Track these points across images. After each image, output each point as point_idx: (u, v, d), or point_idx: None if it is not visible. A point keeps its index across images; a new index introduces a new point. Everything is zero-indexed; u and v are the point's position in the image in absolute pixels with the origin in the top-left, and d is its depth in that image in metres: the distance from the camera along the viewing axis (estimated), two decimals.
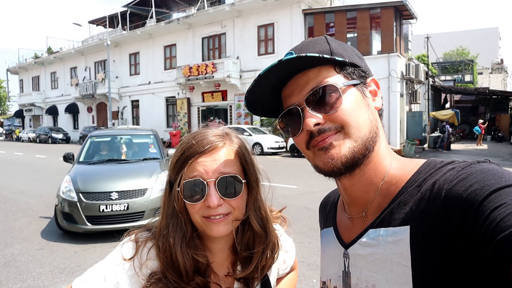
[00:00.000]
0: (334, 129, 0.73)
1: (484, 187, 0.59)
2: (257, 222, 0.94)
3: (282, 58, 0.71)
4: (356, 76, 0.77)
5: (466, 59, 43.27)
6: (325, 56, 0.72)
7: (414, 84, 22.67)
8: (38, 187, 10.26)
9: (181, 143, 0.91)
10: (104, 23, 35.75)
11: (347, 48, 0.80)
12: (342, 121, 0.72)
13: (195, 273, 0.88)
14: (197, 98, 26.51)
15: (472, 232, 0.57)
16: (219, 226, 0.86)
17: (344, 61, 0.75)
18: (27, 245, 5.44)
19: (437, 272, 0.62)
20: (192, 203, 0.86)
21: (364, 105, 0.76)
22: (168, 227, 0.88)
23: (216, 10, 24.24)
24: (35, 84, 43.64)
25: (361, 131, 0.73)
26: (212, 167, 0.86)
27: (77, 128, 37.12)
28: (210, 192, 0.85)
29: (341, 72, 0.76)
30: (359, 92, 0.77)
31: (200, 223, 0.88)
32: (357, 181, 0.77)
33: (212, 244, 0.94)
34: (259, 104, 0.83)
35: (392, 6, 19.16)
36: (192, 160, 0.86)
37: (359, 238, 0.77)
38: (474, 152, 19.88)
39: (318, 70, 0.75)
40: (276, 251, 1.00)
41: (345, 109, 0.73)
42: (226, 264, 0.96)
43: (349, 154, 0.72)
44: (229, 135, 0.94)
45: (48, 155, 20.98)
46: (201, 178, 0.85)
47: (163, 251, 0.88)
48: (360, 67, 0.79)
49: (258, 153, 19.08)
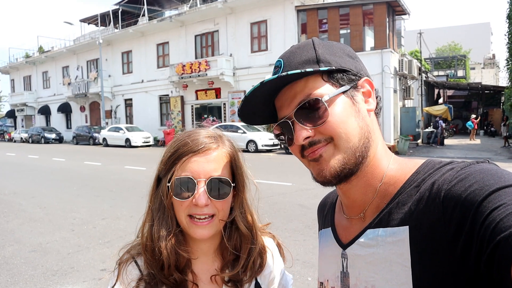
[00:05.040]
0: (324, 141, 0.73)
1: (483, 188, 0.59)
2: (244, 224, 0.96)
3: (264, 80, 0.71)
4: (346, 81, 0.75)
5: (458, 54, 43.57)
6: (308, 70, 0.71)
7: (407, 79, 22.79)
8: (30, 188, 10.16)
9: (175, 140, 0.93)
10: (96, 21, 35.49)
11: (336, 50, 0.77)
12: (331, 133, 0.72)
13: (175, 268, 0.90)
14: (191, 96, 26.42)
15: (472, 232, 0.57)
16: (202, 229, 0.89)
17: (331, 69, 0.73)
18: (19, 247, 5.37)
19: (437, 272, 0.62)
20: (180, 200, 0.88)
21: (354, 112, 0.74)
22: (153, 221, 0.91)
23: (209, 7, 24.14)
24: (27, 83, 43.23)
25: (350, 141, 0.72)
26: (204, 168, 0.88)
27: (70, 128, 36.83)
28: (199, 191, 0.86)
29: (329, 80, 0.74)
30: (349, 98, 0.75)
31: (184, 223, 0.89)
32: (355, 185, 0.77)
33: (194, 245, 0.95)
34: (255, 115, 0.84)
35: (384, 2, 19.23)
36: (186, 158, 0.88)
37: (357, 239, 0.77)
38: (467, 147, 20.03)
39: (305, 81, 0.74)
40: (265, 254, 1.01)
41: (333, 121, 0.72)
42: (213, 267, 0.97)
43: (338, 167, 0.73)
44: (222, 138, 0.96)
45: (41, 155, 20.81)
46: (192, 177, 0.87)
47: (145, 244, 0.90)
48: (350, 71, 0.76)
49: (253, 150, 19.08)
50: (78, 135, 30.98)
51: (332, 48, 0.78)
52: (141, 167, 13.97)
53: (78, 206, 7.86)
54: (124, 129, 26.15)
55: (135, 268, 0.92)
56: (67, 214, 7.21)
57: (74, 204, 8.06)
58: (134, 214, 6.82)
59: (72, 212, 7.31)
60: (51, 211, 7.50)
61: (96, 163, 15.77)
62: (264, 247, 1.02)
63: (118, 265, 0.94)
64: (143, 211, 0.99)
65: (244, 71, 23.38)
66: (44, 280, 4.25)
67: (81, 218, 6.84)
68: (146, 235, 0.91)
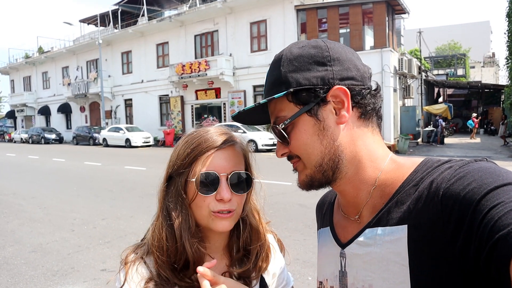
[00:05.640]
0: (296, 157, 0.78)
1: (481, 186, 0.59)
2: (254, 219, 1.00)
3: (233, 114, 0.82)
4: (312, 97, 0.73)
5: (458, 53, 43.55)
6: (261, 101, 0.76)
7: (407, 78, 22.77)
8: (30, 189, 10.16)
9: (191, 138, 0.93)
10: (96, 21, 35.47)
11: (303, 63, 0.74)
12: (296, 153, 0.77)
13: (187, 268, 0.89)
14: (191, 96, 26.41)
15: (470, 231, 0.57)
16: (225, 221, 0.89)
17: (288, 92, 0.73)
18: (19, 247, 5.37)
19: (435, 271, 0.62)
20: (204, 195, 0.88)
21: (318, 131, 0.74)
22: (169, 220, 0.90)
23: (208, 7, 24.12)
24: (27, 84, 43.21)
25: (312, 160, 0.75)
26: (226, 162, 0.90)
27: (70, 128, 36.83)
28: (222, 186, 0.88)
29: (293, 100, 0.74)
30: (312, 117, 0.74)
31: (206, 216, 0.89)
32: (343, 189, 0.78)
33: (207, 243, 0.95)
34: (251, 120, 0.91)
35: (384, 1, 19.22)
36: (209, 153, 0.89)
37: (356, 238, 0.76)
38: (467, 146, 20.03)
39: (274, 103, 0.78)
40: (269, 250, 1.03)
41: (293, 144, 0.76)
42: (222, 265, 0.97)
43: (307, 181, 0.78)
44: (235, 135, 0.99)
45: (41, 155, 20.81)
46: (216, 172, 0.88)
47: (157, 245, 0.89)
48: (313, 86, 0.72)
49: (253, 150, 18.87)
50: (78, 135, 30.98)
51: (300, 60, 0.74)
52: (141, 167, 13.97)
53: (78, 206, 7.86)
54: (124, 129, 26.15)
55: (145, 267, 0.92)
56: (67, 214, 7.21)
57: (74, 204, 8.06)
58: (134, 214, 6.81)
59: (72, 213, 7.32)
60: (51, 211, 7.50)
61: (96, 164, 15.77)
62: (269, 243, 1.04)
63: (125, 265, 0.93)
64: (143, 211, 0.99)
65: (244, 71, 23.37)
66: (44, 280, 4.25)
67: (81, 218, 6.84)
68: (160, 236, 0.90)
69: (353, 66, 0.75)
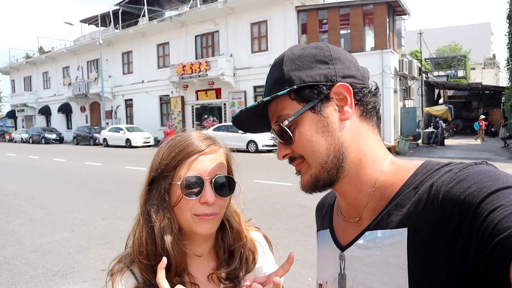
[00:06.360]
0: (299, 158, 0.77)
1: (482, 189, 0.58)
2: (235, 221, 1.02)
3: (234, 114, 0.79)
4: (314, 94, 0.74)
5: (458, 54, 43.52)
6: (265, 99, 0.75)
7: (408, 80, 22.77)
8: (31, 189, 10.17)
9: (175, 142, 0.94)
10: (96, 22, 35.47)
11: (305, 61, 0.75)
12: (300, 153, 0.76)
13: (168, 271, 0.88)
14: (191, 96, 26.42)
15: (470, 234, 0.56)
16: (208, 224, 0.90)
17: (292, 88, 0.73)
18: (19, 247, 5.37)
19: (434, 275, 0.61)
20: (188, 199, 0.89)
21: (322, 128, 0.74)
22: (150, 223, 0.90)
23: (209, 7, 24.13)
24: (27, 84, 43.23)
25: (317, 158, 0.74)
26: (210, 166, 0.91)
27: (70, 128, 36.81)
28: (206, 190, 0.89)
29: (296, 98, 0.75)
30: (316, 114, 0.74)
31: (189, 219, 0.90)
32: (345, 190, 0.78)
33: (191, 246, 0.96)
34: (250, 126, 0.88)
35: (384, 2, 19.22)
36: (194, 157, 0.90)
37: (355, 240, 0.76)
38: (468, 147, 20.02)
39: (276, 102, 0.77)
40: (255, 248, 1.04)
41: (297, 142, 0.75)
42: (209, 267, 0.98)
43: (312, 182, 0.77)
44: (216, 139, 0.99)
45: (42, 156, 20.82)
46: (200, 175, 0.89)
47: (138, 250, 0.89)
48: (315, 84, 0.73)
49: (253, 150, 19.07)
50: (79, 135, 30.98)
51: (302, 59, 0.75)
52: (142, 167, 13.96)
53: (78, 206, 7.87)
54: (125, 129, 26.16)
55: (131, 276, 0.92)
56: (68, 214, 7.22)
57: (75, 204, 8.07)
58: (134, 215, 6.75)
59: (73, 213, 7.32)
60: (51, 211, 7.51)
61: (97, 164, 15.78)
62: (253, 241, 1.05)
63: (111, 276, 0.93)
64: None
65: (245, 71, 23.37)
66: (44, 280, 4.25)
67: (82, 219, 6.84)
68: (141, 240, 0.90)
69: (353, 66, 0.77)
